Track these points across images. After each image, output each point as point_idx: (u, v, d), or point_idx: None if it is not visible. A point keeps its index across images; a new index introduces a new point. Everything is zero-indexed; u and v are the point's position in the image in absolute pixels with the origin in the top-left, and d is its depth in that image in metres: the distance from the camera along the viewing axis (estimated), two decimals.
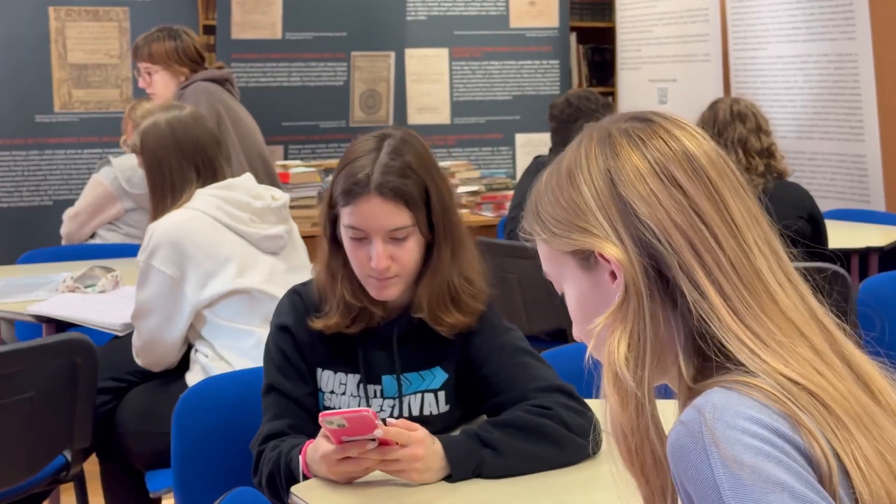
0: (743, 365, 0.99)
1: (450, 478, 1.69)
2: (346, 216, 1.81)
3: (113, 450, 2.79)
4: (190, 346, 2.68)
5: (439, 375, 1.91)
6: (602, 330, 1.05)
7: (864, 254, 3.89)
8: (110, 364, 2.73)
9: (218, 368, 2.52)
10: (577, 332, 1.14)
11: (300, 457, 1.74)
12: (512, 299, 3.84)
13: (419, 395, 1.90)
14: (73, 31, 5.08)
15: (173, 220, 2.59)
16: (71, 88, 5.10)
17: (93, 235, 4.08)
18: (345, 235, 1.84)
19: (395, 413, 1.89)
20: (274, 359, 1.91)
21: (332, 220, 1.87)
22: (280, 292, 2.55)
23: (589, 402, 1.83)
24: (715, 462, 0.92)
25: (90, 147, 5.12)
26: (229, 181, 2.70)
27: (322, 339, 1.90)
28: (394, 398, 1.89)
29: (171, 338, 2.61)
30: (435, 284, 1.85)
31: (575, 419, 1.78)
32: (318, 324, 1.88)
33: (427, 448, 1.67)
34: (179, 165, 2.67)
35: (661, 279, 1.03)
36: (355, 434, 1.62)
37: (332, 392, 1.90)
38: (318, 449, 1.69)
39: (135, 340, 2.68)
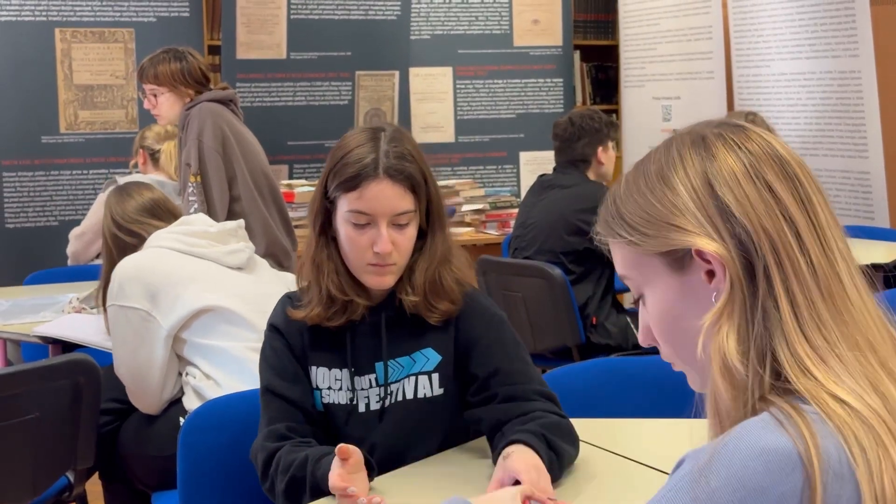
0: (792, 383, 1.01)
1: None
2: (350, 202, 1.83)
3: (116, 471, 2.80)
4: (180, 374, 2.69)
5: (432, 357, 1.91)
6: (707, 328, 1.05)
7: (869, 271, 3.88)
8: (113, 385, 2.74)
9: (208, 388, 2.54)
10: (647, 338, 1.14)
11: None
12: (517, 317, 3.84)
13: (412, 378, 1.90)
14: (79, 53, 5.11)
15: (132, 260, 2.67)
16: (77, 109, 5.12)
17: (98, 255, 4.10)
18: (344, 223, 1.85)
19: (386, 399, 1.89)
20: (269, 359, 1.93)
21: (324, 213, 1.89)
22: (246, 307, 2.60)
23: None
24: (680, 484, 0.96)
25: (96, 167, 5.14)
26: (185, 218, 2.84)
27: (312, 338, 1.91)
28: (382, 385, 1.89)
29: (154, 370, 2.62)
30: (430, 270, 1.88)
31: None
32: (298, 314, 1.89)
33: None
34: (124, 235, 2.85)
35: (754, 279, 1.04)
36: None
37: (328, 388, 1.91)
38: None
39: (126, 389, 2.70)
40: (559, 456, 1.76)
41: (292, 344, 1.91)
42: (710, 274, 1.06)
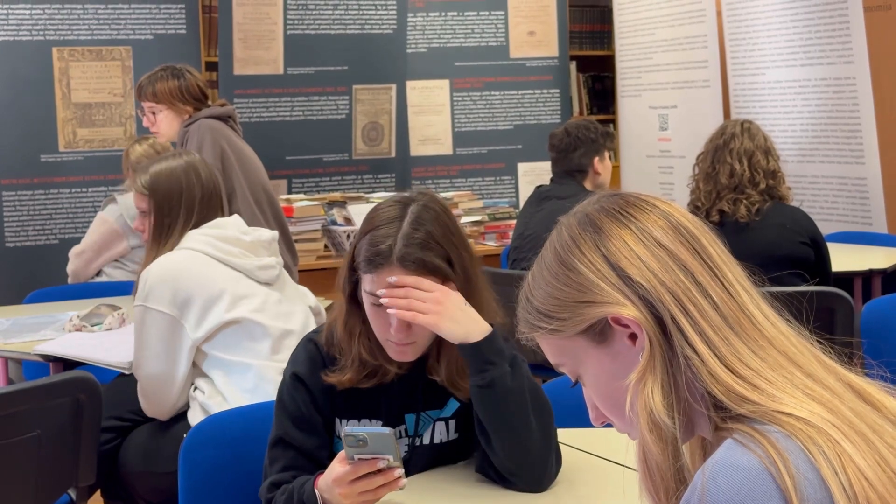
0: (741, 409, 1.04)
1: (480, 343, 1.80)
2: (367, 283, 1.83)
3: (118, 489, 2.80)
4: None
5: (451, 404, 1.95)
6: (633, 386, 1.09)
7: (867, 276, 3.89)
8: (113, 403, 2.74)
9: (215, 405, 2.54)
10: (597, 416, 1.18)
11: (314, 488, 1.76)
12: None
13: (430, 425, 1.95)
14: (77, 71, 5.13)
15: (166, 261, 2.63)
16: (75, 127, 5.14)
17: (99, 273, 4.11)
18: (366, 300, 1.85)
19: (410, 448, 1.93)
20: (288, 409, 1.91)
21: (353, 282, 1.88)
22: (271, 321, 2.60)
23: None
24: None
25: (95, 185, 5.15)
26: (218, 221, 2.75)
27: (340, 389, 1.91)
28: (411, 436, 1.93)
29: (176, 379, 2.62)
30: (454, 353, 1.87)
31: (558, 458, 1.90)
32: (331, 378, 1.89)
33: (452, 300, 1.78)
34: (186, 213, 2.72)
35: (667, 332, 1.09)
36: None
37: None
38: (330, 474, 1.72)
39: (140, 391, 2.69)
40: (516, 376, 1.82)
41: (316, 394, 1.90)
42: (633, 337, 1.11)
